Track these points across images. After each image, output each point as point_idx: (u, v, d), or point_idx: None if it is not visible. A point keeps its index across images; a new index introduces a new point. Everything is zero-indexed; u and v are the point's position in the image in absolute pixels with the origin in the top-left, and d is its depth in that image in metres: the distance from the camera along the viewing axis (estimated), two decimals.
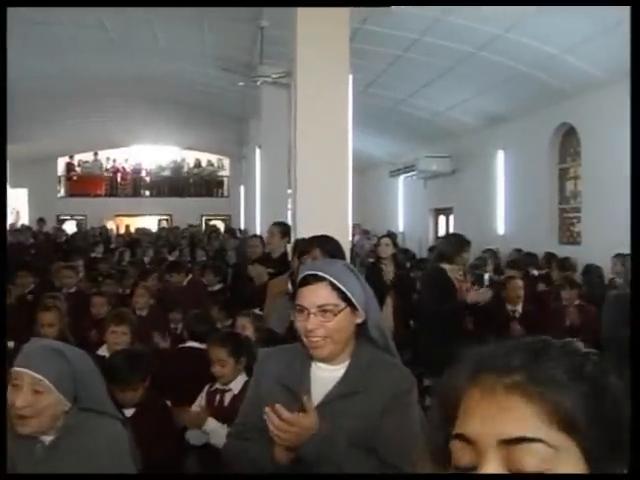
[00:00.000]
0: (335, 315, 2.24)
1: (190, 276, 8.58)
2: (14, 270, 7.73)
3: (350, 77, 6.12)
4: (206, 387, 4.08)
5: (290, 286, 4.80)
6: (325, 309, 2.24)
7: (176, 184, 26.68)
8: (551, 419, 0.84)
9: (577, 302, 6.77)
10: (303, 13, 5.87)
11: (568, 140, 11.58)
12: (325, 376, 2.32)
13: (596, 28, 8.33)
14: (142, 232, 18.89)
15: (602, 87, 9.72)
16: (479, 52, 9.92)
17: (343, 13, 5.90)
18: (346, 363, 2.32)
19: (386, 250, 7.50)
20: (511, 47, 9.46)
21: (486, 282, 7.02)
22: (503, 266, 9.80)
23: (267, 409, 2.12)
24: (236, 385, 3.92)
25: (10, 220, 21.42)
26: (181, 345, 5.10)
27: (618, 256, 8.31)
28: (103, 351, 4.59)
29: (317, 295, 2.25)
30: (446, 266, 6.22)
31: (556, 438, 0.83)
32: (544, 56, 9.49)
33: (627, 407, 0.88)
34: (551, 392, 0.85)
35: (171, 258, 12.22)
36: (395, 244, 7.76)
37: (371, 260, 10.41)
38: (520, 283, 6.76)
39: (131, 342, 4.55)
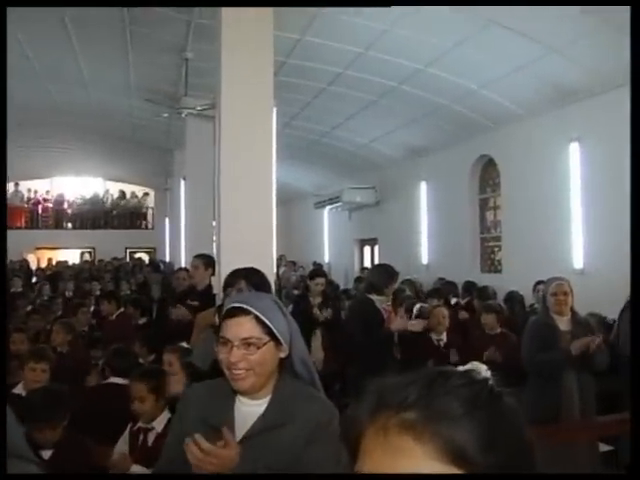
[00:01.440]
0: (258, 348, 2.24)
1: (122, 309, 8.35)
2: None
3: (274, 110, 6.17)
4: (129, 426, 3.98)
5: (217, 319, 4.77)
6: (249, 342, 2.24)
7: (99, 216, 26.18)
8: (443, 455, 0.84)
9: (499, 330, 6.89)
10: (228, 45, 5.90)
11: (488, 171, 11.90)
12: (248, 410, 2.31)
13: (512, 65, 8.64)
14: (64, 265, 18.46)
15: (519, 121, 10.06)
16: (401, 86, 10.14)
17: (268, 46, 5.95)
18: (269, 397, 2.32)
19: (319, 288, 7.55)
20: (432, 81, 9.70)
21: (415, 312, 7.13)
22: (423, 295, 9.94)
23: (187, 440, 2.10)
24: (159, 423, 3.83)
25: None
26: (103, 382, 4.98)
27: (539, 283, 8.53)
28: (19, 389, 4.44)
29: (241, 328, 2.25)
30: (374, 297, 6.29)
31: (448, 470, 0.84)
32: (464, 90, 9.77)
33: (523, 429, 0.90)
34: (444, 428, 0.85)
35: (95, 292, 11.97)
36: (329, 282, 7.76)
37: (297, 292, 10.43)
38: (445, 312, 6.87)
39: (50, 380, 4.42)
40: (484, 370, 0.98)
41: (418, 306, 7.29)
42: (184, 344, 5.16)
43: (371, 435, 0.90)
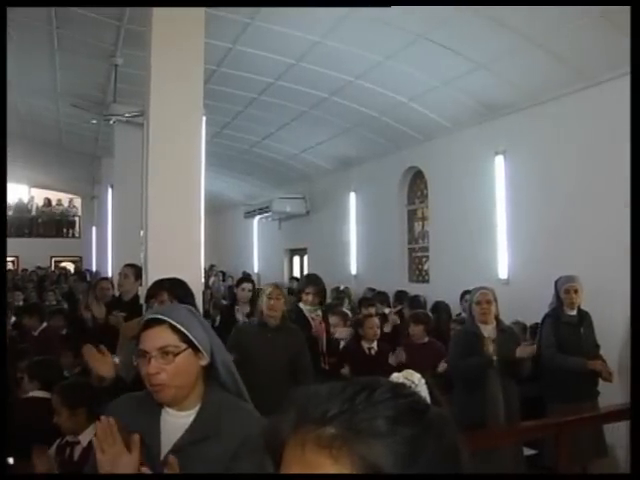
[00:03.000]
0: (175, 356, 2.24)
1: (45, 324, 8.08)
2: None
3: (204, 118, 6.13)
4: (57, 440, 3.89)
5: None
6: (165, 351, 2.24)
7: (24, 223, 25.53)
8: (357, 471, 0.82)
9: (427, 339, 7.00)
10: (157, 52, 5.84)
11: (416, 183, 12.07)
12: (175, 422, 2.29)
13: (440, 79, 8.82)
14: None
15: (446, 134, 10.26)
16: (332, 97, 10.21)
17: (199, 53, 5.92)
18: (196, 409, 2.30)
19: (247, 295, 7.54)
20: (362, 93, 9.80)
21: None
22: (354, 304, 10.02)
23: (93, 438, 2.07)
24: (85, 437, 3.75)
25: None
26: (25, 395, 4.83)
27: (466, 293, 8.70)
28: None
29: (157, 337, 2.25)
30: (302, 306, 6.34)
31: None
32: (393, 103, 9.90)
33: (452, 439, 0.89)
34: (361, 446, 0.83)
35: (17, 302, 11.64)
36: (255, 290, 7.77)
37: (225, 302, 10.37)
38: (377, 321, 6.94)
39: None
40: (417, 379, 0.98)
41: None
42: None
43: (291, 448, 0.89)
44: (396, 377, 1.02)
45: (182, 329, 2.27)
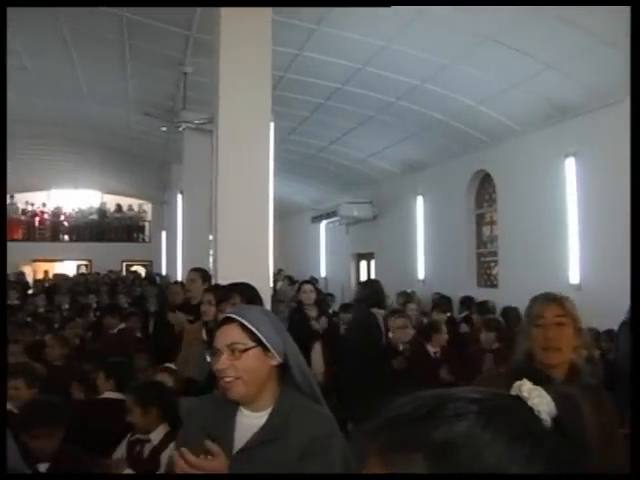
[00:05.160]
0: (242, 352, 2.28)
1: (123, 325, 8.24)
2: None
3: (272, 124, 6.19)
4: (128, 435, 3.98)
5: (204, 333, 4.79)
6: (233, 348, 2.29)
7: (96, 229, 26.15)
8: None
9: (496, 345, 6.90)
10: (226, 60, 5.93)
11: (484, 187, 11.93)
12: (249, 423, 2.33)
13: (509, 81, 8.70)
14: (60, 278, 18.43)
15: (515, 136, 10.11)
16: (399, 101, 10.18)
17: (266, 60, 5.98)
18: (269, 410, 2.34)
19: (310, 296, 7.51)
20: (429, 97, 9.75)
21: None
22: (421, 309, 9.97)
23: (174, 451, 2.11)
24: (156, 436, 3.83)
25: None
26: (98, 397, 4.95)
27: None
28: (8, 406, 4.40)
29: (227, 335, 2.32)
30: (376, 310, 6.36)
31: None
32: (461, 106, 9.82)
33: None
34: (401, 459, 0.82)
35: (93, 305, 11.97)
36: (317, 290, 7.77)
37: (294, 306, 10.41)
38: (445, 327, 6.87)
39: (37, 394, 4.40)
40: (527, 390, 0.89)
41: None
42: (172, 365, 5.18)
43: (368, 459, 0.88)
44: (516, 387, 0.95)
45: (251, 327, 2.31)
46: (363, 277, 16.98)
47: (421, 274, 13.44)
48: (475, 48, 8.00)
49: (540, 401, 0.87)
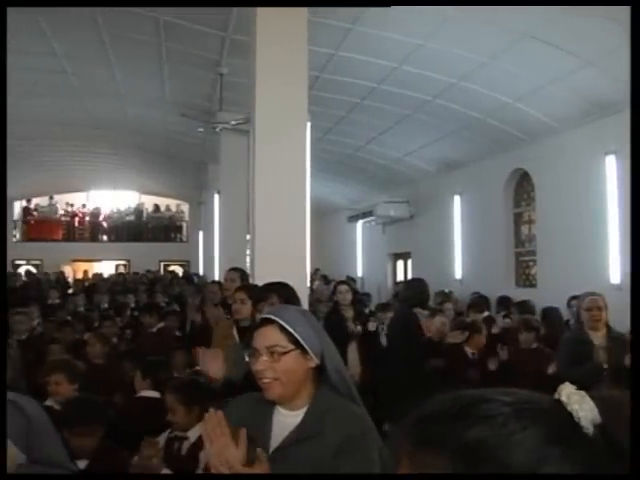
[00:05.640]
0: (282, 355, 2.29)
1: (161, 324, 8.33)
2: None
3: (308, 124, 6.20)
4: (167, 432, 4.02)
5: (235, 330, 4.81)
6: (273, 350, 2.30)
7: (134, 229, 26.41)
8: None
9: (535, 345, 6.82)
10: (262, 60, 5.96)
11: (522, 185, 11.81)
12: (285, 422, 2.35)
13: (547, 78, 8.60)
14: (99, 277, 18.66)
15: (554, 134, 9.99)
16: (435, 100, 10.13)
17: (302, 60, 6.00)
18: (305, 409, 2.35)
19: (346, 297, 7.50)
20: (466, 95, 9.68)
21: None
22: (459, 308, 9.91)
23: (202, 430, 2.13)
24: (194, 434, 3.86)
25: None
26: (136, 395, 5.00)
27: (573, 298, 8.42)
28: (50, 402, 4.47)
29: (266, 337, 2.33)
30: (418, 310, 6.34)
31: None
32: (498, 104, 9.73)
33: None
34: (426, 455, 0.83)
35: (131, 304, 12.10)
36: (354, 290, 7.76)
37: (330, 306, 10.41)
38: (484, 330, 6.83)
39: (77, 391, 4.46)
40: (566, 395, 0.87)
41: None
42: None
43: (401, 455, 0.88)
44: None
45: (291, 330, 2.32)
46: (400, 277, 16.92)
47: (458, 274, 13.36)
48: (512, 45, 7.93)
49: (580, 407, 0.85)
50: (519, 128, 10.51)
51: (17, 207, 25.81)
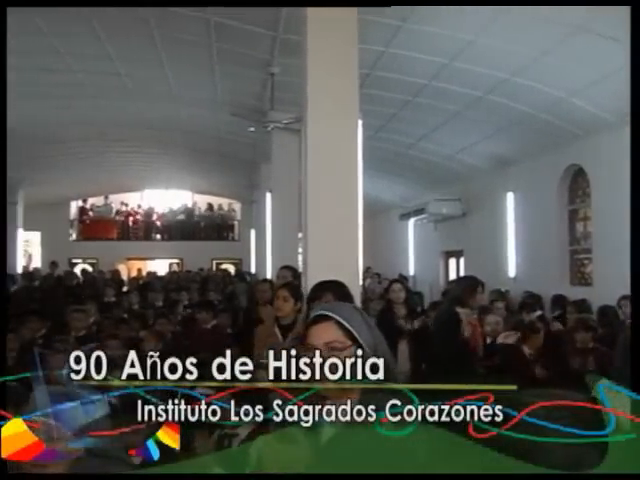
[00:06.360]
0: (340, 351, 2.28)
1: (215, 321, 8.41)
2: (23, 315, 7.71)
3: (360, 122, 6.19)
4: (217, 431, 4.05)
5: (279, 333, 4.82)
6: (332, 346, 2.29)
7: (187, 228, 26.73)
8: None
9: (591, 345, 6.71)
10: (313, 59, 5.97)
11: (577, 182, 11.61)
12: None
13: (602, 71, 8.43)
14: (153, 276, 18.92)
15: (610, 129, 9.78)
16: (487, 96, 10.02)
17: (353, 58, 5.99)
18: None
19: (399, 295, 7.47)
20: (518, 91, 9.56)
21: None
22: (512, 307, 9.79)
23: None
24: (243, 430, 3.89)
25: (22, 263, 21.54)
26: None
27: (623, 298, 8.24)
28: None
29: (324, 333, 2.32)
30: (460, 309, 6.26)
31: None
32: (551, 99, 9.59)
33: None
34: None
35: (184, 302, 12.23)
36: (407, 288, 7.73)
37: (383, 303, 10.39)
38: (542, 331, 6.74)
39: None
40: (611, 398, 0.87)
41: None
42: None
43: None
44: None
45: (348, 326, 2.32)
46: (452, 275, 16.80)
47: (512, 272, 13.20)
48: (565, 39, 7.79)
49: (613, 404, 0.85)
50: (573, 123, 10.33)
51: (73, 207, 26.36)
